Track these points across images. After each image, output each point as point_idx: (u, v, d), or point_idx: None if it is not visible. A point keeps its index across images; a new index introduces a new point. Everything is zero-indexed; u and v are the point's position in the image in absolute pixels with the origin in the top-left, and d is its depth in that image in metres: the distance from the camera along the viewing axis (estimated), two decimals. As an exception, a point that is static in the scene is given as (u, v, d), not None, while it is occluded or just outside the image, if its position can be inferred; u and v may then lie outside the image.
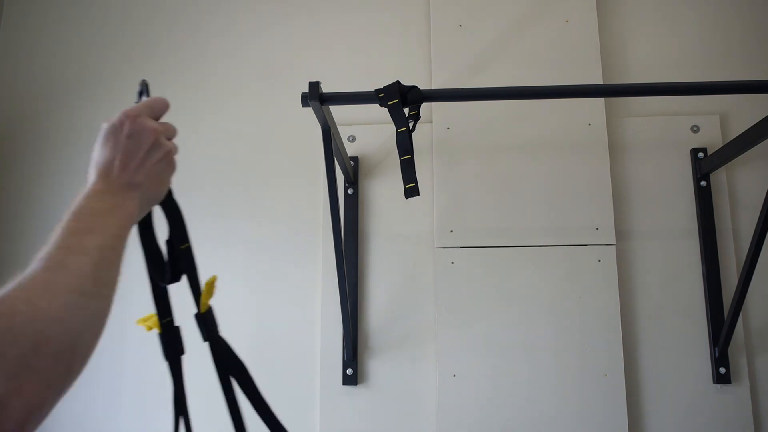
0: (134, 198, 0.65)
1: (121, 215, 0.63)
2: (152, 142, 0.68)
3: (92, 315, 0.57)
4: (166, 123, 0.74)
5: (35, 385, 0.50)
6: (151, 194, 0.68)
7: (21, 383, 0.49)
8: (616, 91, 1.83)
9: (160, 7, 2.18)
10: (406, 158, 1.34)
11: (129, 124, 0.69)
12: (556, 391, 1.76)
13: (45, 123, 2.13)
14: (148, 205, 0.70)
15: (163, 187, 0.70)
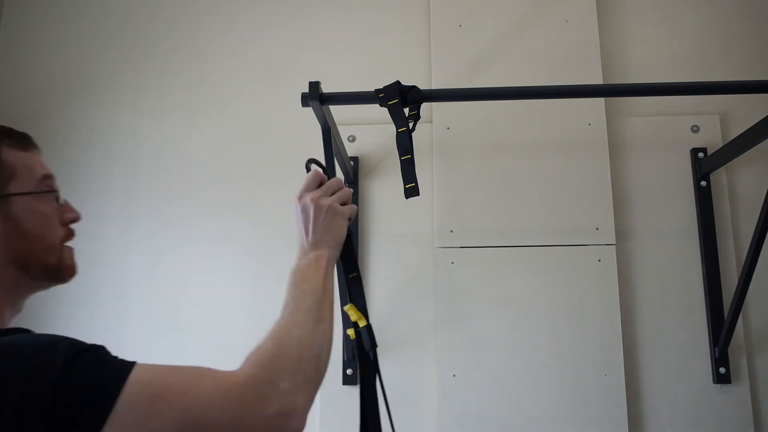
0: (324, 248, 0.91)
1: (320, 263, 0.89)
2: (326, 212, 0.94)
3: (323, 333, 0.81)
4: (340, 192, 0.99)
5: (306, 383, 0.75)
6: (334, 240, 0.93)
7: (299, 383, 0.73)
8: (616, 91, 1.83)
9: (160, 7, 2.18)
10: (406, 158, 1.34)
11: (313, 205, 0.95)
12: (556, 391, 1.76)
13: (45, 123, 2.13)
14: (337, 246, 0.94)
15: (340, 234, 0.95)
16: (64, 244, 0.85)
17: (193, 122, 2.09)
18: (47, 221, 0.81)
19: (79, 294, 2.00)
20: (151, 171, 2.07)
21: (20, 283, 0.80)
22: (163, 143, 2.08)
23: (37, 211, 0.80)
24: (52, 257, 0.81)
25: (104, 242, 2.03)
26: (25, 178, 0.81)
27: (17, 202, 0.77)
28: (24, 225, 0.78)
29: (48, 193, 0.82)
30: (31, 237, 0.79)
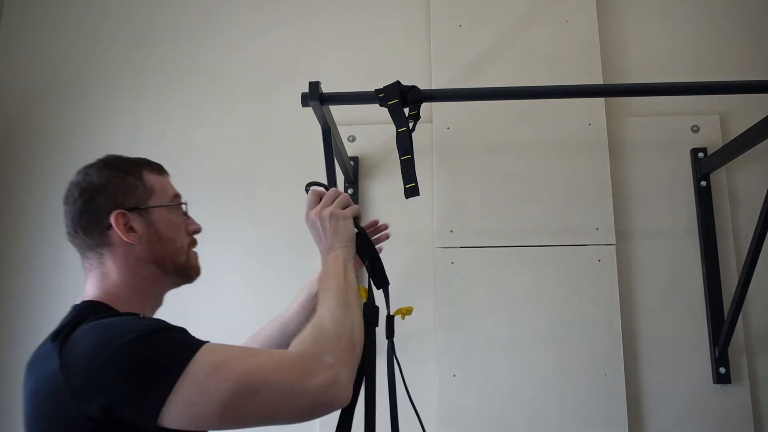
0: (337, 249, 1.02)
1: (337, 261, 1.00)
2: (329, 220, 1.06)
3: (352, 315, 0.92)
4: (338, 199, 1.10)
5: (347, 357, 0.86)
6: (343, 240, 1.04)
7: (341, 357, 0.84)
8: (616, 91, 1.83)
9: (160, 7, 2.18)
10: (406, 158, 1.35)
11: (317, 218, 1.07)
12: (556, 391, 1.76)
13: (45, 123, 2.13)
14: (348, 244, 1.05)
15: (347, 233, 1.05)
16: (191, 247, 1.07)
17: (193, 122, 2.09)
18: (178, 228, 1.03)
19: (79, 295, 1.99)
20: (151, 171, 2.07)
21: (159, 279, 1.02)
22: (163, 143, 2.08)
23: (170, 220, 1.03)
24: (182, 257, 1.04)
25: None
26: (161, 195, 1.03)
27: (156, 213, 1.00)
28: (161, 231, 1.00)
29: (177, 206, 1.05)
30: (166, 240, 1.01)
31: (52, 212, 2.07)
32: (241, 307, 1.94)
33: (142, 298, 1.00)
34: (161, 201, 1.03)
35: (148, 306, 1.03)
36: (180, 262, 1.04)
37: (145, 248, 0.99)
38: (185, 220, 1.08)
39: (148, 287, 1.01)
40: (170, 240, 1.02)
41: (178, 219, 1.06)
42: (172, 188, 1.08)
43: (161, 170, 1.11)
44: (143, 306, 1.00)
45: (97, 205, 0.98)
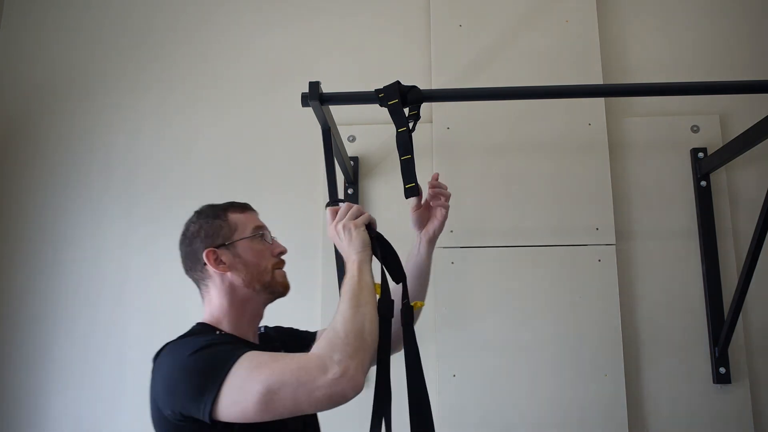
0: (354, 255, 1.13)
1: (353, 266, 1.11)
2: (344, 231, 1.17)
3: (363, 314, 1.04)
4: (351, 211, 1.20)
5: (354, 352, 0.99)
6: (359, 247, 1.15)
7: (348, 352, 0.98)
8: (616, 91, 1.83)
9: (161, 8, 2.18)
10: (406, 158, 1.34)
11: (336, 233, 1.19)
12: (556, 390, 1.76)
13: (46, 122, 2.13)
14: (363, 249, 1.15)
15: (361, 241, 1.16)
16: (275, 269, 1.24)
17: (194, 122, 2.09)
18: (260, 254, 1.22)
19: (80, 295, 2.00)
20: (152, 172, 2.06)
21: (251, 298, 1.21)
22: (163, 144, 2.08)
23: (252, 249, 1.22)
24: (267, 277, 1.22)
25: (105, 243, 2.03)
26: (243, 230, 1.23)
27: (239, 245, 1.21)
28: (246, 259, 1.20)
29: (257, 236, 1.24)
30: (251, 266, 1.20)
31: (53, 212, 2.07)
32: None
33: (240, 315, 1.21)
34: (243, 234, 1.23)
35: (245, 321, 1.22)
36: (266, 281, 1.22)
37: (235, 275, 1.19)
38: (269, 245, 1.26)
39: (243, 306, 1.21)
40: (254, 265, 1.21)
41: (261, 246, 1.24)
42: (254, 221, 1.27)
43: (245, 208, 1.30)
44: (242, 321, 1.21)
45: (195, 248, 1.22)
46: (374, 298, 1.10)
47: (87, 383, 1.94)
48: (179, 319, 2.16)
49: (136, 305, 1.98)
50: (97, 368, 1.95)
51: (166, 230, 2.01)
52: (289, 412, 0.98)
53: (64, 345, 1.97)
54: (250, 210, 1.31)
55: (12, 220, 2.07)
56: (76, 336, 1.97)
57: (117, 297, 1.99)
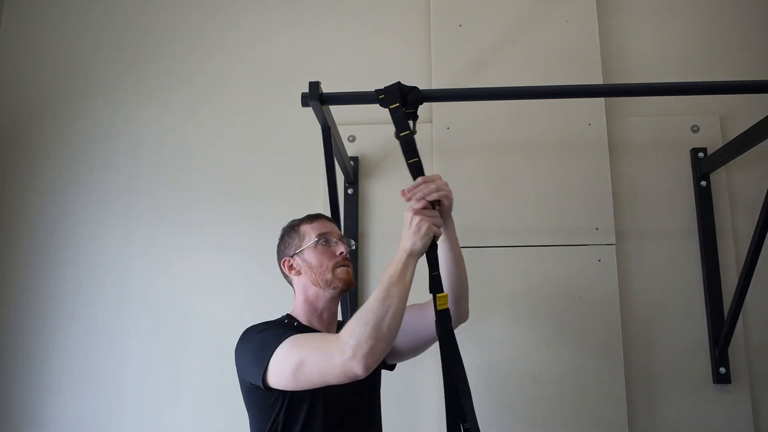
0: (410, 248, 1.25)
1: (401, 258, 1.24)
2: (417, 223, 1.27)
3: (388, 306, 1.16)
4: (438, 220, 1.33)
5: (367, 338, 1.12)
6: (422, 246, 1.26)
7: (361, 338, 1.12)
8: (616, 91, 1.83)
9: (162, 9, 2.18)
10: (414, 161, 1.34)
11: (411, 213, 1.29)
12: (556, 390, 1.76)
13: (47, 123, 2.13)
14: (421, 252, 1.27)
15: (422, 241, 1.26)
16: (336, 267, 1.39)
17: (194, 122, 2.09)
18: (321, 256, 1.40)
19: (80, 294, 2.00)
20: (152, 173, 2.06)
21: (320, 295, 1.39)
22: (164, 145, 2.08)
23: (315, 253, 1.40)
24: (328, 275, 1.38)
25: (105, 243, 2.03)
26: (308, 239, 1.42)
27: (305, 252, 1.41)
28: (311, 262, 1.40)
29: (320, 243, 1.41)
30: (315, 267, 1.40)
31: (53, 212, 2.07)
32: (240, 306, 1.94)
33: (312, 310, 1.41)
34: (308, 243, 1.42)
35: (317, 314, 1.41)
36: (327, 279, 1.38)
37: (305, 277, 1.41)
38: (331, 248, 1.42)
39: (315, 302, 1.40)
40: (317, 266, 1.39)
41: (323, 249, 1.41)
42: (318, 229, 1.43)
43: (313, 219, 1.47)
44: (314, 315, 1.41)
45: (279, 258, 1.48)
46: (404, 294, 1.22)
47: (87, 382, 1.94)
48: (179, 318, 2.18)
49: (137, 304, 1.98)
50: (98, 367, 1.95)
51: (166, 230, 2.02)
52: (318, 382, 1.18)
53: (64, 344, 1.97)
54: (321, 219, 1.47)
55: (12, 220, 2.07)
56: (76, 335, 1.97)
57: (117, 296, 1.99)
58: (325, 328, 1.40)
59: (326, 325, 1.41)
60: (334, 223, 1.49)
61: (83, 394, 1.94)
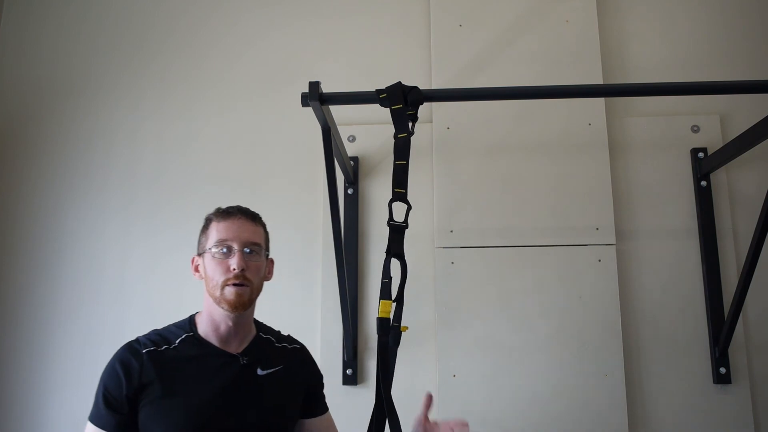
0: None
1: None
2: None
3: None
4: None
5: None
6: None
7: None
8: (616, 91, 1.83)
9: (161, 8, 2.18)
10: (401, 163, 1.34)
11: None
12: (556, 391, 1.76)
13: (46, 121, 2.13)
14: None
15: None
16: (226, 285, 1.23)
17: (194, 121, 2.09)
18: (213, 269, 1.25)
19: (79, 292, 2.00)
20: (152, 171, 2.06)
21: (215, 307, 1.25)
22: (163, 144, 2.08)
23: (210, 262, 1.25)
24: (216, 293, 1.24)
25: (104, 242, 2.03)
26: (211, 241, 1.26)
27: (205, 256, 1.27)
28: (206, 270, 1.26)
29: (218, 249, 1.25)
30: (208, 278, 1.26)
31: (53, 209, 2.07)
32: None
33: (212, 321, 1.26)
34: (206, 246, 1.26)
35: (215, 327, 1.26)
36: (216, 296, 1.23)
37: (205, 284, 1.26)
38: (227, 261, 1.24)
39: (212, 313, 1.26)
40: (210, 278, 1.24)
41: (219, 259, 1.24)
42: (220, 233, 1.25)
43: (225, 216, 1.29)
44: (212, 326, 1.26)
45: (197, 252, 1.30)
46: None
47: (86, 380, 1.94)
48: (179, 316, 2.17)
49: (136, 301, 1.98)
50: (97, 365, 1.94)
51: (165, 228, 2.02)
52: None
53: (64, 342, 1.97)
54: (233, 217, 1.29)
55: (12, 218, 2.07)
56: (76, 333, 1.97)
57: (117, 293, 1.99)
58: (223, 344, 1.25)
59: (223, 342, 1.25)
60: (253, 223, 1.32)
61: (82, 392, 1.93)
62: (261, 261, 1.30)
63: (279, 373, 1.29)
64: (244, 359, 1.25)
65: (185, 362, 1.21)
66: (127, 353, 1.23)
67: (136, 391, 1.18)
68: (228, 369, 1.23)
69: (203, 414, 1.17)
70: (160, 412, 1.16)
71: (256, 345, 1.30)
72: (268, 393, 1.25)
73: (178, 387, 1.18)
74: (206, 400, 1.18)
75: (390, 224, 1.33)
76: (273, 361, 1.29)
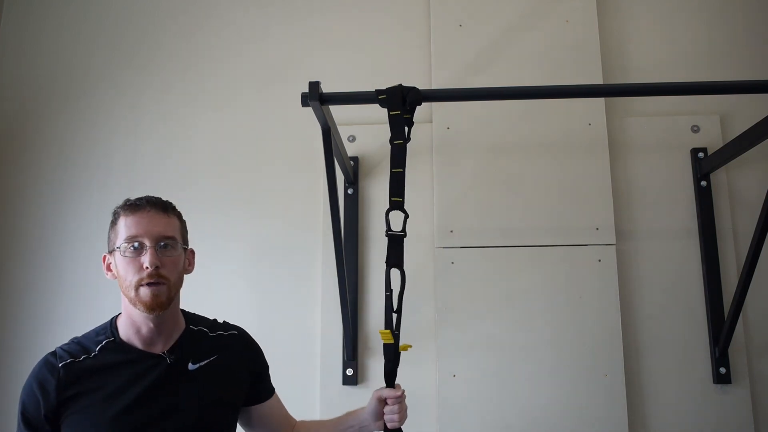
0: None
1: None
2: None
3: None
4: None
5: None
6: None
7: None
8: (616, 91, 1.83)
9: (160, 7, 2.18)
10: (398, 171, 1.34)
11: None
12: (556, 391, 1.76)
13: (45, 121, 2.13)
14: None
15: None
16: (140, 286, 1.15)
17: (193, 122, 2.09)
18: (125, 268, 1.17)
19: (79, 293, 2.00)
20: (151, 170, 2.06)
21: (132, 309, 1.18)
22: (163, 143, 2.08)
23: (121, 261, 1.17)
24: (130, 293, 1.16)
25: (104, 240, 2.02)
26: (120, 238, 1.18)
27: (116, 254, 1.18)
28: (118, 270, 1.18)
29: (127, 248, 1.16)
30: (121, 278, 1.17)
31: (52, 210, 2.07)
32: (240, 307, 1.94)
33: (132, 323, 1.18)
34: (115, 244, 1.18)
35: (135, 329, 1.18)
36: (130, 297, 1.15)
37: (119, 284, 1.17)
38: (139, 259, 1.15)
39: (131, 314, 1.18)
40: (122, 278, 1.16)
41: (130, 257, 1.15)
42: (129, 229, 1.17)
43: (135, 210, 1.20)
44: (133, 329, 1.18)
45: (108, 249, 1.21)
46: None
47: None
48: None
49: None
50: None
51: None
52: None
53: (63, 340, 1.96)
54: (142, 211, 1.21)
55: (12, 218, 2.07)
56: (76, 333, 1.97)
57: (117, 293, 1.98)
58: (147, 345, 1.18)
59: (147, 343, 1.18)
60: (165, 214, 1.23)
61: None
62: (178, 254, 1.21)
63: (214, 364, 1.23)
64: (171, 357, 1.19)
65: (106, 371, 1.15)
66: (44, 369, 1.15)
67: (54, 409, 1.11)
68: (153, 371, 1.16)
69: (129, 422, 1.12)
70: (82, 425, 1.11)
71: (186, 339, 1.23)
72: (203, 387, 1.20)
73: (99, 398, 1.12)
74: (130, 407, 1.12)
75: (388, 234, 1.31)
76: (206, 352, 1.24)
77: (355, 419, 1.36)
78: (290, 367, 1.87)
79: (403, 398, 1.32)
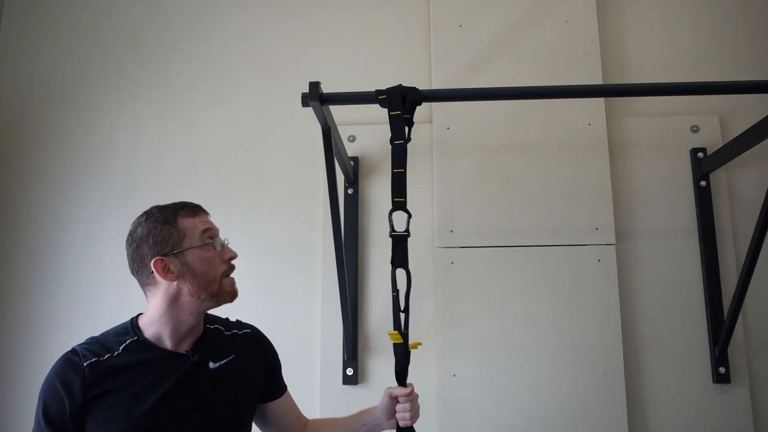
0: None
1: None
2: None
3: None
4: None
5: None
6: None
7: None
8: (616, 91, 1.82)
9: (160, 6, 2.18)
10: (399, 171, 1.33)
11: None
12: (556, 390, 1.76)
13: (45, 121, 2.13)
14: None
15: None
16: (224, 277, 1.23)
17: (193, 122, 2.09)
18: (209, 262, 1.20)
19: (79, 292, 2.00)
20: (151, 171, 2.07)
21: (192, 307, 1.19)
22: (162, 142, 2.08)
23: (201, 257, 1.19)
24: (214, 287, 1.20)
25: (104, 240, 2.03)
26: (192, 237, 1.20)
27: (189, 254, 1.18)
28: (194, 268, 1.18)
29: (206, 244, 1.20)
30: (199, 275, 1.18)
31: (53, 210, 2.07)
32: (240, 307, 1.93)
33: (174, 322, 1.19)
34: (192, 242, 1.20)
35: (174, 328, 1.20)
36: (213, 291, 1.20)
37: (184, 284, 1.18)
38: (219, 252, 1.23)
39: (180, 314, 1.19)
40: (203, 274, 1.19)
41: (210, 253, 1.21)
42: (203, 226, 1.22)
43: (196, 211, 1.26)
44: (170, 328, 1.19)
45: (143, 253, 1.19)
46: None
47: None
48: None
49: (136, 301, 1.97)
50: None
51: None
52: None
53: (64, 342, 1.96)
54: (202, 212, 1.27)
55: (12, 219, 2.07)
56: (76, 333, 1.96)
57: (117, 293, 1.99)
58: (176, 344, 1.20)
59: (177, 342, 1.20)
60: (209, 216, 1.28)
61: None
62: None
63: (232, 363, 1.25)
64: (195, 356, 1.20)
65: (130, 369, 1.15)
66: (66, 368, 1.13)
67: (80, 408, 1.11)
68: (178, 370, 1.18)
69: (155, 420, 1.12)
70: (108, 424, 1.11)
71: (205, 338, 1.25)
72: (223, 386, 1.21)
73: (125, 396, 1.13)
74: (156, 405, 1.13)
75: (392, 235, 1.31)
76: (224, 351, 1.26)
77: (368, 417, 1.38)
78: (290, 366, 1.86)
79: (415, 397, 1.33)
